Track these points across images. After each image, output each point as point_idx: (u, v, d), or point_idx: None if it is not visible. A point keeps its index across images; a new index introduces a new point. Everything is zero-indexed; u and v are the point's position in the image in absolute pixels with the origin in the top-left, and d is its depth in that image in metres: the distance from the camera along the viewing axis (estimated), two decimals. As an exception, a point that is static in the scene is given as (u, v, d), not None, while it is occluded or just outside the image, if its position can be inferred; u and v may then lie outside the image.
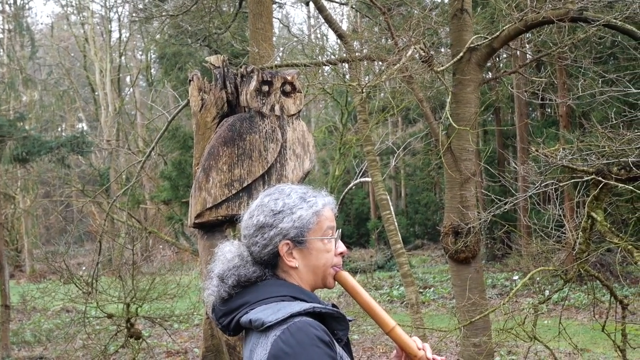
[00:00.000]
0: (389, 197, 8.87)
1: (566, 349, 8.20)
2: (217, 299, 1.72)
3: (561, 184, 4.93)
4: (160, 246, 18.86)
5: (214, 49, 13.47)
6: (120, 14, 27.55)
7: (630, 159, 4.35)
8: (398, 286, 16.15)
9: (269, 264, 1.71)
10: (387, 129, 24.29)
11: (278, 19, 18.55)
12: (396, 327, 1.75)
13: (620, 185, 4.41)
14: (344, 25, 15.25)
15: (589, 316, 10.74)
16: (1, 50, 24.20)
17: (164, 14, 11.14)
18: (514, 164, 8.30)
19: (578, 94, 6.71)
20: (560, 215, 5.03)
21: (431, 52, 5.90)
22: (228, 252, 1.74)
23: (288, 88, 3.46)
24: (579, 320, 11.25)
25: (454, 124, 5.89)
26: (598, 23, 5.39)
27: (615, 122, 5.20)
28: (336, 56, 9.54)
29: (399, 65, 5.63)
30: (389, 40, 7.19)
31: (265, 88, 3.41)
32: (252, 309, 1.63)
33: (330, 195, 1.80)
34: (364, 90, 6.44)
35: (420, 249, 24.72)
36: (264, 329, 1.56)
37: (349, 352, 1.71)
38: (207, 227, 3.40)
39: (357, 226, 25.64)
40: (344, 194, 12.91)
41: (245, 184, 3.31)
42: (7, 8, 24.49)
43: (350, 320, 1.69)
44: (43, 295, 9.97)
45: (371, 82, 6.39)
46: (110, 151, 22.09)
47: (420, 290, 14.99)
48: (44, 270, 20.41)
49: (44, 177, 24.72)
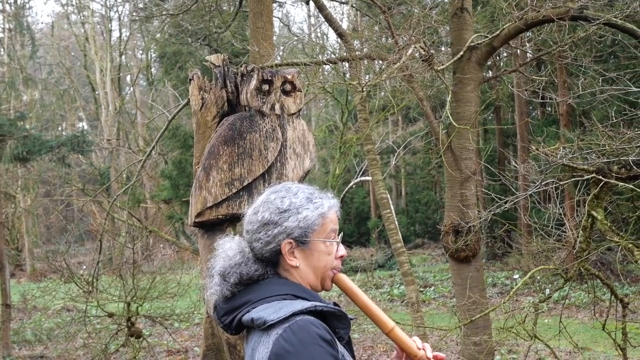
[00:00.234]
0: (389, 196, 8.87)
1: (566, 347, 8.20)
2: (220, 297, 1.72)
3: (561, 183, 4.93)
4: (161, 245, 18.89)
5: (214, 48, 13.46)
6: (120, 13, 27.61)
7: (630, 158, 4.35)
8: (398, 285, 16.17)
9: (270, 261, 1.71)
10: (388, 127, 24.30)
11: (278, 18, 18.56)
12: (395, 328, 1.75)
13: (621, 183, 4.41)
14: (344, 24, 15.26)
15: (590, 315, 10.73)
16: (2, 50, 24.20)
17: (164, 13, 11.13)
18: (514, 162, 8.31)
19: (578, 92, 6.70)
20: (560, 214, 5.03)
21: (431, 51, 5.89)
22: (229, 249, 1.73)
23: (288, 87, 3.45)
24: (579, 319, 11.26)
25: (455, 123, 5.89)
26: (598, 22, 5.39)
27: (615, 121, 5.20)
28: (336, 55, 9.54)
29: (399, 64, 5.63)
30: (389, 39, 7.19)
31: (266, 87, 3.41)
32: (254, 308, 1.63)
33: (335, 198, 1.80)
34: (364, 89, 6.44)
35: (421, 248, 24.73)
36: (266, 327, 1.56)
37: (351, 351, 1.71)
38: (208, 226, 3.40)
39: (358, 225, 25.64)
40: (344, 192, 12.93)
41: (245, 183, 3.31)
42: (8, 7, 24.51)
43: (351, 319, 1.68)
44: (44, 294, 9.97)
45: (371, 81, 6.40)
46: (111, 150, 22.12)
47: (421, 289, 14.99)
48: (44, 269, 20.43)
49: (44, 176, 24.73)
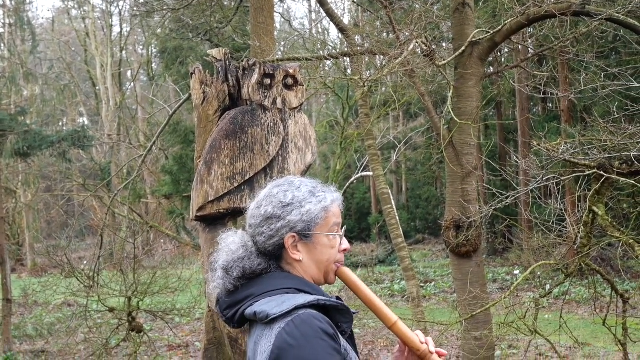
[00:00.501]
0: (390, 192, 8.88)
1: (567, 343, 8.22)
2: (223, 291, 1.72)
3: (563, 178, 4.93)
4: (162, 240, 18.91)
5: (215, 43, 13.44)
6: (121, 8, 27.57)
7: (632, 153, 4.35)
8: (399, 280, 16.19)
9: (273, 255, 1.71)
10: (389, 123, 24.28)
11: (279, 13, 18.47)
12: (398, 322, 1.75)
13: (622, 179, 4.41)
14: (346, 19, 15.24)
15: (590, 310, 10.75)
16: (2, 45, 24.17)
17: (165, 8, 11.09)
18: (515, 158, 8.31)
19: (580, 88, 6.70)
20: (561, 209, 5.03)
21: (433, 46, 5.89)
22: (232, 243, 1.73)
23: (290, 81, 3.45)
24: (579, 315, 11.27)
25: (456, 118, 5.88)
26: (600, 17, 5.38)
27: (617, 117, 5.20)
28: (338, 50, 9.52)
29: (400, 59, 5.62)
30: (391, 34, 7.18)
31: (267, 81, 3.40)
32: (257, 301, 1.63)
33: (338, 192, 1.79)
34: (366, 85, 6.43)
35: (422, 243, 24.75)
36: (269, 321, 1.56)
37: (353, 345, 1.71)
38: (209, 220, 3.40)
39: (359, 220, 25.66)
40: (345, 188, 12.94)
41: (247, 177, 3.31)
42: (8, 2, 24.48)
43: (354, 313, 1.69)
44: (44, 289, 9.97)
45: (373, 76, 6.39)
46: (112, 145, 22.12)
47: (422, 284, 15.01)
48: (45, 264, 20.48)
49: (45, 172, 24.71)
